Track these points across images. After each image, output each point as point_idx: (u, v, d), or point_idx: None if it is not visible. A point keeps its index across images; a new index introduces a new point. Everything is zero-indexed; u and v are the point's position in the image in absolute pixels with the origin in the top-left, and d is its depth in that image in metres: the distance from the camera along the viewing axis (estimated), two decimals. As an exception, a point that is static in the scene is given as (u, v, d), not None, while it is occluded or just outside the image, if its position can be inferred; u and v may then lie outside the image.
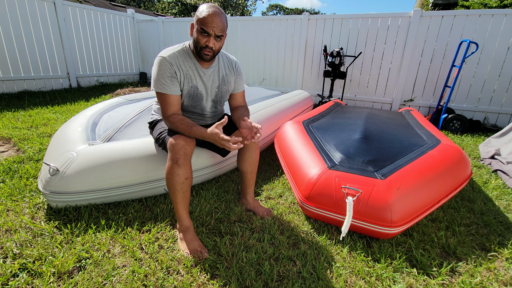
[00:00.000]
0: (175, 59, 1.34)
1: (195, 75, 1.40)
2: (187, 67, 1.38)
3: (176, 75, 1.35)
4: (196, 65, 1.40)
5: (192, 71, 1.39)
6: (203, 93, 1.45)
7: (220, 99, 1.54)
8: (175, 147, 1.24)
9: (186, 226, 1.31)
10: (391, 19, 4.31)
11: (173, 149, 1.25)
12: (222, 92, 1.52)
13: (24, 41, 4.64)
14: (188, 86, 1.40)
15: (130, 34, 6.60)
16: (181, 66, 1.36)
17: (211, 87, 1.47)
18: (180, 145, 1.25)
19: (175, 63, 1.34)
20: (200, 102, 1.47)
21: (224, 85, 1.51)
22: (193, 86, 1.41)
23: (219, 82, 1.49)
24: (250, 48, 5.53)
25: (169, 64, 1.32)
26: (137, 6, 20.99)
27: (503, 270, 1.23)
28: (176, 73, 1.34)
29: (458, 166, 1.59)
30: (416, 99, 4.46)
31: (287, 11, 36.35)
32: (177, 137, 1.27)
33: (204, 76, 1.43)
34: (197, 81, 1.41)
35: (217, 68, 1.48)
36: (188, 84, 1.39)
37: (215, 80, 1.48)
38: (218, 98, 1.52)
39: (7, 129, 2.75)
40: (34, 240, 1.28)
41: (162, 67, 1.32)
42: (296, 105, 3.12)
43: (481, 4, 6.78)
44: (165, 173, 1.28)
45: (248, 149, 1.55)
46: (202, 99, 1.47)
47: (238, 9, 19.80)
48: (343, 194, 1.35)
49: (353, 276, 1.16)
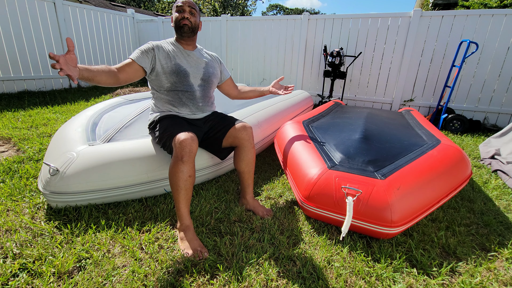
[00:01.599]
0: (158, 43, 1.56)
1: (177, 55, 1.57)
2: (169, 49, 1.56)
3: (153, 51, 1.50)
4: (179, 48, 1.59)
5: (175, 52, 1.57)
6: (187, 70, 1.57)
7: (208, 78, 1.65)
8: (181, 144, 1.26)
9: (187, 225, 1.31)
10: (391, 19, 4.31)
11: (179, 146, 1.27)
12: (209, 73, 1.65)
13: (24, 41, 4.64)
14: (170, 63, 1.53)
15: (130, 34, 6.60)
16: (163, 47, 1.55)
17: (197, 66, 1.61)
18: (186, 142, 1.27)
19: (156, 45, 1.54)
20: (186, 79, 1.56)
21: (210, 68, 1.66)
22: (176, 64, 1.54)
23: (205, 64, 1.65)
24: (250, 48, 5.53)
25: (150, 44, 1.53)
26: (137, 6, 20.98)
27: (503, 270, 1.23)
28: (153, 50, 1.51)
29: (458, 166, 1.59)
30: (416, 99, 4.46)
31: (287, 11, 36.35)
32: (183, 134, 1.30)
33: (188, 56, 1.60)
34: (180, 60, 1.56)
35: (200, 53, 1.67)
36: (171, 61, 1.53)
37: (201, 61, 1.63)
38: (206, 76, 1.63)
39: (7, 129, 2.75)
40: (34, 240, 1.28)
41: (143, 46, 1.53)
42: (296, 105, 3.12)
43: (481, 4, 6.78)
44: (169, 170, 1.29)
45: (244, 149, 1.56)
46: (188, 76, 1.57)
47: (238, 9, 19.80)
48: (343, 194, 1.35)
49: (353, 276, 1.16)
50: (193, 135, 1.32)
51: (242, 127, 1.56)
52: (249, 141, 1.56)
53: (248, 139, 1.56)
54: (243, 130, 1.55)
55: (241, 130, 1.55)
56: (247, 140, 1.56)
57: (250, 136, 1.57)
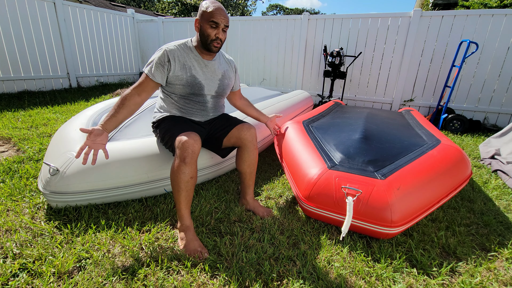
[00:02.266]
0: (175, 51, 1.42)
1: (194, 66, 1.46)
2: (185, 58, 1.44)
3: (168, 64, 1.40)
4: (197, 57, 1.47)
5: (192, 62, 1.45)
6: (202, 83, 1.49)
7: (222, 92, 1.59)
8: (184, 145, 1.25)
9: (187, 226, 1.31)
10: (391, 19, 4.31)
11: (181, 147, 1.26)
12: (224, 85, 1.58)
13: (24, 41, 4.64)
14: (186, 75, 1.44)
15: (130, 34, 6.60)
16: (180, 57, 1.42)
17: (213, 78, 1.52)
18: (189, 143, 1.26)
19: (172, 54, 1.41)
20: (200, 92, 1.50)
21: (226, 79, 1.58)
22: (192, 76, 1.45)
23: (221, 75, 1.55)
24: (250, 48, 5.53)
25: (166, 54, 1.40)
26: (137, 6, 20.99)
27: (503, 270, 1.23)
28: (168, 62, 1.40)
29: (458, 166, 1.59)
30: (416, 99, 4.46)
31: (287, 11, 36.35)
32: (186, 135, 1.29)
33: (205, 67, 1.49)
34: (196, 71, 1.46)
35: (218, 62, 1.55)
36: (186, 73, 1.44)
37: (218, 72, 1.54)
38: (220, 90, 1.57)
39: (7, 129, 2.75)
40: (34, 240, 1.28)
41: (158, 55, 1.40)
42: (296, 105, 3.12)
43: (481, 4, 6.78)
44: (171, 170, 1.29)
45: (247, 150, 1.55)
46: (202, 89, 1.50)
47: (238, 9, 19.80)
48: (343, 194, 1.35)
49: (353, 276, 1.16)
50: (196, 136, 1.30)
51: (245, 128, 1.54)
52: (252, 142, 1.55)
53: (251, 140, 1.54)
54: (247, 131, 1.54)
55: (244, 130, 1.54)
56: (250, 141, 1.54)
57: (254, 137, 1.55)
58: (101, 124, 1.25)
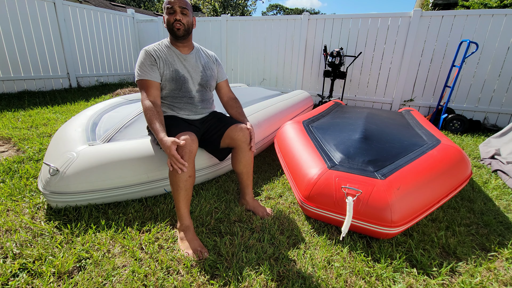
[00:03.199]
0: (154, 49, 1.49)
1: (175, 60, 1.52)
2: (166, 55, 1.50)
3: (156, 62, 1.46)
4: (175, 52, 1.53)
5: (172, 57, 1.51)
6: (186, 76, 1.53)
7: (206, 83, 1.61)
8: (181, 144, 1.25)
9: (187, 225, 1.31)
10: (391, 19, 4.30)
11: (179, 146, 1.26)
12: (207, 76, 1.61)
13: (24, 41, 4.64)
14: (169, 70, 1.49)
15: (130, 34, 6.60)
16: (161, 54, 1.49)
17: (194, 71, 1.57)
18: (186, 142, 1.26)
19: (154, 52, 1.47)
20: (185, 85, 1.54)
21: (208, 70, 1.62)
22: (174, 70, 1.50)
23: (202, 67, 1.60)
24: (250, 48, 5.53)
25: (149, 54, 1.46)
26: (137, 6, 20.99)
27: (503, 270, 1.23)
28: (156, 61, 1.46)
29: (458, 166, 1.59)
30: (416, 99, 4.46)
31: (287, 11, 36.35)
32: (183, 134, 1.30)
33: (184, 61, 1.54)
34: (177, 65, 1.52)
35: (197, 55, 1.60)
36: (169, 68, 1.49)
37: (198, 65, 1.58)
38: (203, 81, 1.60)
39: (7, 129, 2.75)
40: (34, 240, 1.28)
41: (143, 57, 1.46)
42: (296, 105, 3.12)
43: (481, 4, 6.78)
44: (169, 170, 1.29)
45: (241, 151, 1.54)
46: (186, 82, 1.54)
47: (238, 9, 19.80)
48: (343, 194, 1.35)
49: (353, 276, 1.16)
50: (193, 135, 1.32)
51: (238, 129, 1.52)
52: (246, 142, 1.52)
53: (244, 140, 1.52)
54: (240, 132, 1.51)
55: (237, 131, 1.51)
56: (244, 142, 1.52)
57: (247, 137, 1.52)
58: (161, 139, 1.29)
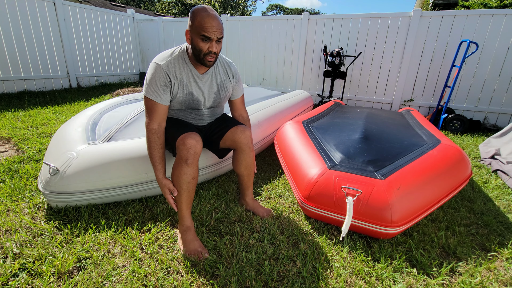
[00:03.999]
0: (171, 67, 1.32)
1: (190, 82, 1.38)
2: (182, 74, 1.35)
3: (171, 84, 1.34)
4: (192, 71, 1.38)
5: (188, 78, 1.37)
6: (200, 98, 1.45)
7: (219, 104, 1.55)
8: (186, 146, 1.24)
9: (188, 226, 1.31)
10: (391, 19, 4.30)
11: (183, 148, 1.24)
12: (221, 98, 1.53)
13: (24, 41, 4.64)
14: (183, 93, 1.39)
15: (130, 34, 6.60)
16: (176, 73, 1.34)
17: (209, 92, 1.47)
18: (191, 144, 1.24)
19: (171, 71, 1.32)
20: (198, 107, 1.48)
21: (223, 91, 1.52)
22: (189, 93, 1.40)
23: (217, 88, 1.49)
24: (250, 48, 5.53)
25: (164, 73, 1.30)
26: (137, 6, 20.99)
27: (503, 270, 1.23)
28: (170, 82, 1.33)
29: (458, 166, 1.59)
30: (416, 99, 4.46)
31: (287, 11, 36.34)
32: (188, 136, 1.26)
33: (200, 82, 1.41)
34: (192, 87, 1.40)
35: (213, 73, 1.46)
36: (183, 91, 1.38)
37: (213, 86, 1.47)
38: (216, 103, 1.53)
39: (7, 129, 2.75)
40: (34, 240, 1.28)
41: (157, 74, 1.30)
42: (296, 105, 3.12)
43: (481, 4, 6.78)
44: (172, 171, 1.28)
45: (242, 152, 1.51)
46: (200, 104, 1.47)
47: (238, 9, 19.80)
48: (343, 194, 1.35)
49: (353, 276, 1.16)
50: (198, 136, 1.29)
51: (239, 130, 1.49)
52: (247, 144, 1.50)
53: (246, 142, 1.49)
54: (241, 134, 1.48)
55: (238, 133, 1.48)
56: (245, 144, 1.49)
57: (249, 139, 1.50)
58: (159, 178, 1.31)
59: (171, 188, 1.28)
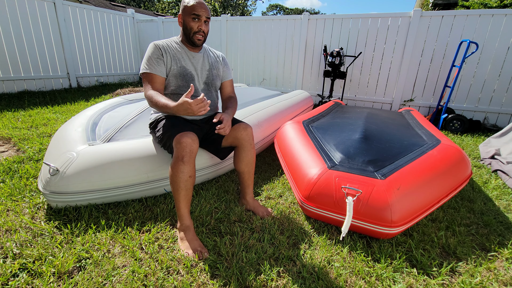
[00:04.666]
0: (164, 44, 1.50)
1: (183, 57, 1.53)
2: (174, 50, 1.51)
3: (163, 57, 1.47)
4: (184, 49, 1.54)
5: (181, 54, 1.53)
6: (193, 73, 1.55)
7: (212, 82, 1.64)
8: (182, 145, 1.26)
9: (187, 226, 1.31)
10: (391, 19, 4.31)
11: (179, 147, 1.27)
12: (213, 75, 1.63)
13: (24, 41, 4.64)
14: (176, 66, 1.50)
15: (130, 34, 6.60)
16: (169, 49, 1.50)
17: (201, 69, 1.59)
18: (187, 142, 1.27)
19: (162, 47, 1.48)
20: (191, 82, 1.54)
21: (214, 69, 1.64)
22: (182, 67, 1.52)
23: (209, 66, 1.62)
24: (250, 48, 5.53)
25: (156, 47, 1.46)
26: (137, 6, 20.98)
27: (503, 270, 1.23)
28: (162, 55, 1.47)
29: (458, 166, 1.59)
30: (416, 99, 4.46)
31: (287, 11, 36.35)
32: (184, 135, 1.29)
33: (193, 58, 1.56)
34: (186, 62, 1.53)
35: (205, 54, 1.62)
36: (177, 64, 1.51)
37: (205, 63, 1.61)
38: (209, 80, 1.62)
39: (7, 129, 2.75)
40: (34, 240, 1.28)
41: (151, 51, 1.46)
42: (296, 105, 3.12)
43: (481, 4, 6.77)
44: (169, 170, 1.29)
45: (244, 149, 1.56)
46: (193, 79, 1.56)
47: (238, 9, 19.79)
48: (343, 194, 1.35)
49: (353, 276, 1.16)
50: (194, 135, 1.32)
51: (242, 128, 1.54)
52: (249, 141, 1.55)
53: (248, 139, 1.55)
54: (243, 131, 1.53)
55: (241, 130, 1.53)
56: (247, 141, 1.55)
57: (250, 136, 1.56)
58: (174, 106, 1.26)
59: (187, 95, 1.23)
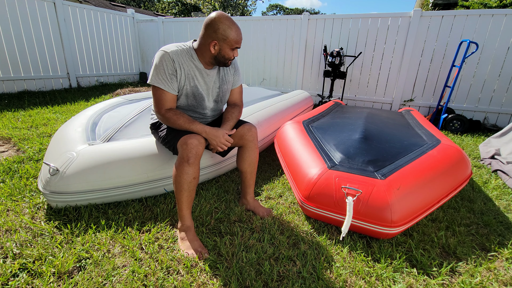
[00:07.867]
0: (178, 57, 1.35)
1: (196, 76, 1.41)
2: (189, 67, 1.38)
3: (177, 73, 1.35)
4: (197, 66, 1.41)
5: (194, 72, 1.40)
6: (203, 93, 1.47)
7: (222, 98, 1.57)
8: (188, 146, 1.25)
9: (188, 226, 1.31)
10: (391, 19, 4.30)
11: (186, 148, 1.26)
12: (223, 91, 1.55)
13: (24, 41, 4.64)
14: (189, 85, 1.41)
15: (130, 34, 6.59)
16: (183, 65, 1.36)
17: (213, 87, 1.50)
18: (193, 144, 1.26)
19: (177, 61, 1.34)
20: (202, 102, 1.49)
21: (225, 85, 1.55)
22: (194, 86, 1.42)
23: (220, 82, 1.52)
24: (250, 48, 5.53)
25: (171, 60, 1.32)
26: (137, 6, 20.98)
27: (503, 270, 1.23)
28: (176, 71, 1.35)
29: (458, 166, 1.59)
30: (416, 99, 4.46)
31: (287, 11, 36.35)
32: (190, 136, 1.28)
33: (207, 76, 1.45)
34: (198, 81, 1.43)
35: (217, 68, 1.50)
36: (189, 83, 1.40)
37: (216, 80, 1.50)
38: (219, 98, 1.55)
39: (7, 129, 2.75)
40: (34, 240, 1.28)
41: (164, 62, 1.32)
42: (296, 105, 3.12)
43: (481, 4, 6.77)
44: (174, 170, 1.29)
45: (247, 149, 1.55)
46: (204, 99, 1.49)
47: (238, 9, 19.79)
48: (343, 194, 1.35)
49: (353, 276, 1.16)
50: (201, 138, 1.31)
51: (246, 128, 1.54)
52: (254, 142, 1.55)
53: (252, 140, 1.54)
54: (248, 131, 1.53)
55: (245, 130, 1.53)
56: (251, 141, 1.54)
57: (255, 137, 1.55)
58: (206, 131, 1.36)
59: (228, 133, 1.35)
